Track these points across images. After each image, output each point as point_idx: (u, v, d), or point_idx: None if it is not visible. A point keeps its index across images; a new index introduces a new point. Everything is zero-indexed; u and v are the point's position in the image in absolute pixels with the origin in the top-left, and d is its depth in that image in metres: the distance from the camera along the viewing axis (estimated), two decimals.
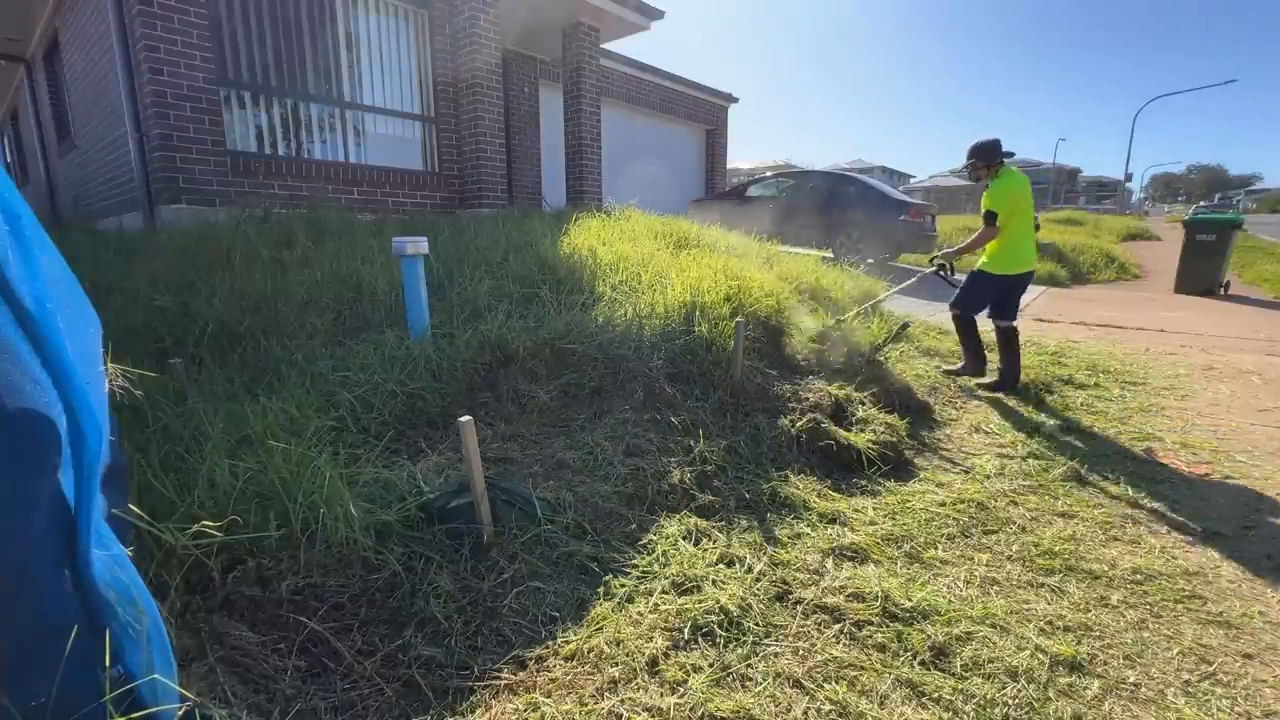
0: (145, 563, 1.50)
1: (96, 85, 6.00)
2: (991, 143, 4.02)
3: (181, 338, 3.07)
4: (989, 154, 3.99)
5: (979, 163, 4.03)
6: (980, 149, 4.02)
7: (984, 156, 4.00)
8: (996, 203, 3.92)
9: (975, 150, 4.04)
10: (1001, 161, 3.99)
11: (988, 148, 4.00)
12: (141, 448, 1.97)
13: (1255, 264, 11.89)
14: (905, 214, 8.94)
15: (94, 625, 0.91)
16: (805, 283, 4.84)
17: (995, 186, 3.95)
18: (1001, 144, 4.01)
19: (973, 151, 4.05)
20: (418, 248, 3.01)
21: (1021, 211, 3.93)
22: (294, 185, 5.85)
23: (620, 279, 3.95)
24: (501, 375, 2.96)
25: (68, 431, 0.87)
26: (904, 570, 2.04)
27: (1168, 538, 2.35)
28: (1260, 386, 4.31)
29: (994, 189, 3.95)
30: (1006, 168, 3.99)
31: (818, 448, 2.82)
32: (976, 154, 4.03)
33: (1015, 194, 3.90)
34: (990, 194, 3.96)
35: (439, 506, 1.95)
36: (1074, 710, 1.48)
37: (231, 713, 1.28)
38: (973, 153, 4.05)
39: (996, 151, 3.99)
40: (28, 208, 0.89)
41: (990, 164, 3.99)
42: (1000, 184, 3.94)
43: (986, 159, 4.00)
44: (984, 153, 4.00)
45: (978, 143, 4.05)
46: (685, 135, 13.45)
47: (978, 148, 4.03)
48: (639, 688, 1.48)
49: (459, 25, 6.84)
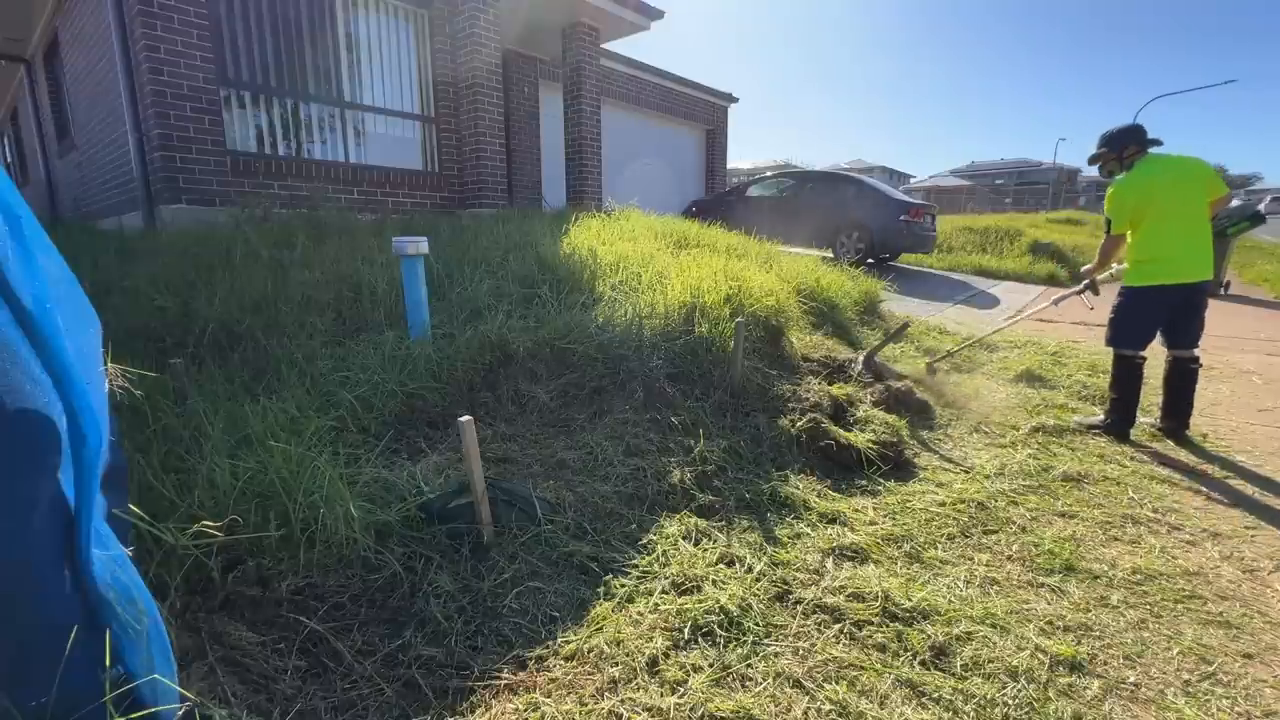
0: (145, 563, 1.50)
1: (96, 85, 6.00)
2: (1124, 129, 3.24)
3: (181, 338, 3.08)
4: (1119, 141, 3.25)
5: (1108, 153, 3.29)
6: (1108, 137, 3.29)
7: (1114, 145, 3.27)
8: (1112, 205, 3.24)
9: (1103, 139, 3.32)
10: (1140, 151, 3.22)
11: (1117, 135, 3.26)
12: (141, 448, 1.97)
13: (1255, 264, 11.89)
14: (905, 214, 8.94)
15: (94, 625, 0.91)
16: (805, 283, 4.84)
17: (1116, 184, 3.23)
18: (1143, 131, 3.23)
19: (1101, 140, 3.33)
20: (418, 248, 3.01)
21: (1160, 208, 3.12)
22: (294, 185, 5.85)
23: (620, 279, 3.95)
24: (501, 375, 2.96)
25: (68, 432, 0.87)
26: (904, 570, 2.04)
27: (1168, 538, 2.35)
28: (1260, 386, 4.31)
29: (1113, 188, 3.24)
30: (1148, 156, 3.22)
31: (818, 448, 2.82)
32: (1105, 143, 3.31)
33: (1141, 190, 3.15)
34: (1108, 194, 3.26)
35: (439, 506, 1.95)
36: (1074, 710, 1.48)
37: (231, 713, 1.28)
38: (1101, 142, 3.33)
39: (1131, 138, 3.22)
40: (28, 208, 0.89)
41: (1122, 155, 3.24)
42: (1122, 181, 3.21)
43: (1117, 147, 3.26)
44: (1113, 140, 3.27)
45: (1107, 130, 3.31)
46: (685, 135, 13.45)
47: (1105, 135, 3.30)
48: (639, 688, 1.48)
49: (459, 25, 6.84)
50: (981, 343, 4.89)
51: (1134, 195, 3.18)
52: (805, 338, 4.14)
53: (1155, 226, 3.16)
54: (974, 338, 4.86)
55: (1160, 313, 3.22)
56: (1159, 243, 3.16)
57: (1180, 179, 3.14)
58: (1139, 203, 3.17)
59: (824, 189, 9.74)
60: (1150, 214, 3.15)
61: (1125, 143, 3.25)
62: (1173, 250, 3.13)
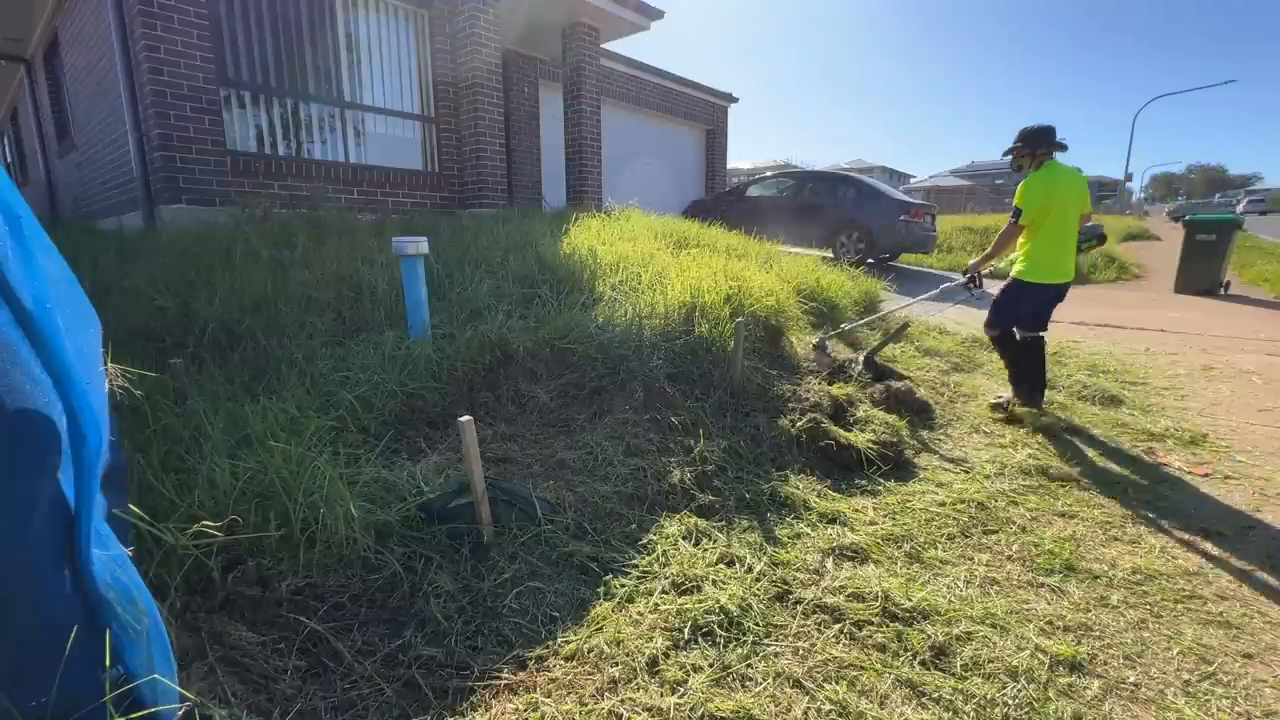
0: (145, 563, 1.50)
1: (96, 85, 6.00)
2: (1038, 128, 3.49)
3: (181, 338, 3.07)
4: (1035, 140, 3.48)
5: (1023, 149, 3.52)
6: (1026, 133, 3.52)
7: (1030, 142, 3.50)
8: (1024, 197, 3.44)
9: (1021, 134, 3.54)
10: (1049, 152, 3.47)
11: (1034, 133, 3.49)
12: (141, 448, 1.97)
13: (1255, 264, 11.87)
14: (905, 214, 8.94)
15: (94, 625, 0.91)
16: (805, 283, 4.84)
17: (1030, 180, 3.45)
18: (1053, 132, 3.48)
19: (1018, 136, 3.56)
20: (418, 248, 3.01)
21: (1059, 213, 3.41)
22: (294, 185, 5.85)
23: (620, 279, 3.95)
24: (501, 375, 2.96)
25: (68, 432, 0.87)
26: (904, 570, 2.04)
27: (1168, 538, 2.35)
28: (1260, 386, 4.31)
29: (1027, 182, 3.46)
30: (1052, 161, 3.48)
31: (818, 448, 2.82)
32: (1022, 139, 3.53)
33: (1050, 191, 3.39)
34: (1022, 187, 3.47)
35: (439, 506, 1.95)
36: (1074, 710, 1.48)
37: (231, 713, 1.28)
38: (1018, 137, 3.56)
39: (1042, 138, 3.46)
40: (28, 208, 0.89)
41: (1035, 152, 3.48)
42: (1035, 177, 3.44)
43: (1032, 145, 3.49)
44: (1030, 138, 3.50)
45: (1025, 127, 3.55)
46: (685, 135, 13.44)
47: (1024, 132, 3.53)
48: (639, 688, 1.48)
49: (459, 25, 6.84)
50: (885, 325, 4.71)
51: (1045, 194, 3.42)
52: (805, 338, 4.14)
53: (1054, 228, 3.45)
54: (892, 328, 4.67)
55: (1038, 305, 3.59)
56: (1055, 244, 3.46)
57: (1073, 189, 3.45)
58: (1046, 203, 3.42)
59: (824, 189, 9.74)
60: (1052, 216, 3.43)
61: (1040, 142, 3.49)
62: (1063, 253, 3.48)
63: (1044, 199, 3.40)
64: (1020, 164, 3.57)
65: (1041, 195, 3.41)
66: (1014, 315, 3.64)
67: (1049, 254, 3.47)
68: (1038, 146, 3.48)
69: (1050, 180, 3.41)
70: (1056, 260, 3.47)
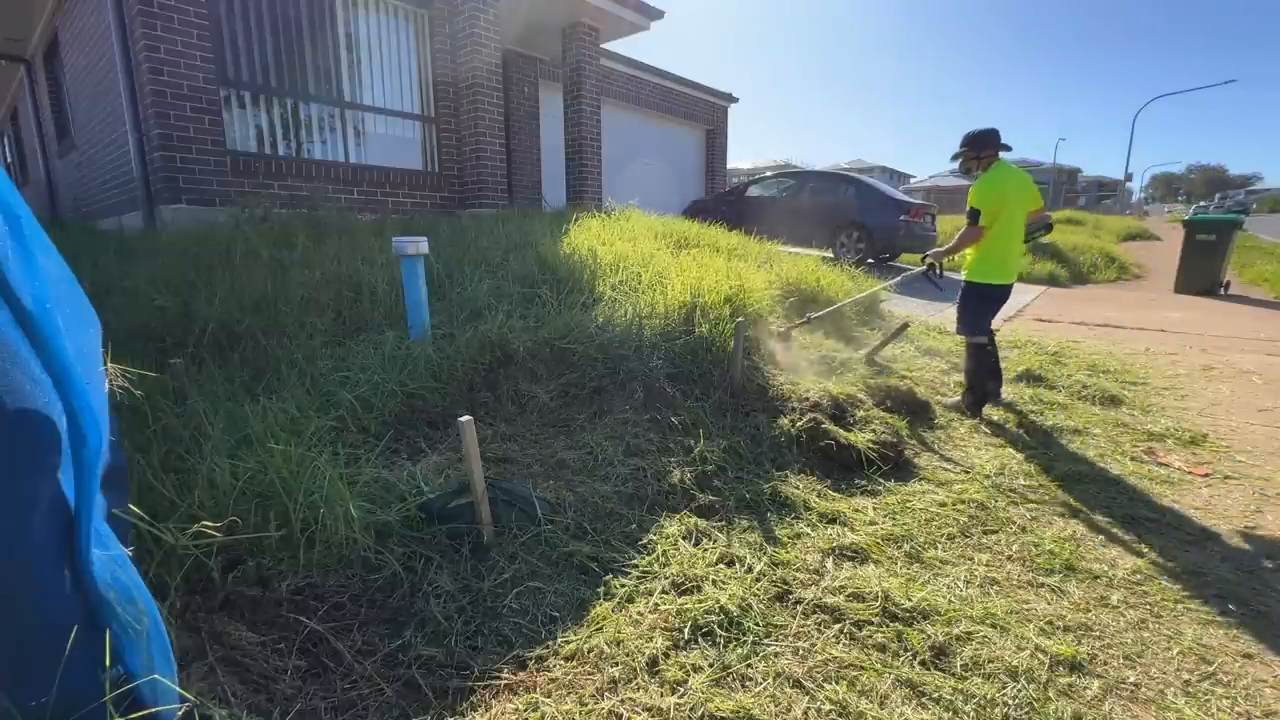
0: (145, 563, 1.50)
1: (96, 85, 6.00)
2: (984, 132, 3.60)
3: (181, 338, 3.07)
4: (980, 144, 3.58)
5: (969, 153, 3.62)
6: (970, 137, 3.62)
7: (975, 146, 3.59)
8: (980, 199, 3.51)
9: (965, 139, 3.65)
10: (995, 154, 3.58)
11: (979, 137, 3.59)
12: (141, 448, 1.97)
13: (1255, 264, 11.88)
14: (905, 214, 8.94)
15: (94, 625, 0.91)
16: (806, 283, 4.84)
17: (981, 181, 3.55)
18: (998, 134, 3.59)
19: (963, 140, 3.67)
20: (418, 248, 3.01)
21: (1009, 212, 3.50)
22: (294, 185, 5.85)
23: (620, 279, 3.95)
24: (501, 375, 2.96)
25: (68, 432, 0.87)
26: (904, 570, 2.04)
27: (1168, 538, 2.35)
28: (1260, 386, 4.31)
29: (979, 184, 3.54)
30: (1000, 162, 3.58)
31: (818, 448, 2.82)
32: (967, 143, 3.64)
33: (1002, 191, 3.48)
34: (975, 189, 3.55)
35: (439, 506, 1.95)
36: (1074, 710, 1.48)
37: (231, 713, 1.28)
38: (964, 142, 3.66)
39: (989, 142, 3.57)
40: (28, 208, 0.89)
41: (981, 155, 3.58)
42: (987, 179, 3.53)
43: (977, 149, 3.59)
44: (975, 142, 3.60)
45: (969, 131, 3.65)
46: (685, 135, 13.44)
47: (968, 136, 3.64)
48: (639, 688, 1.48)
49: (459, 25, 6.84)
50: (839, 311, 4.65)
51: (999, 195, 3.50)
52: (805, 337, 4.13)
53: (1005, 230, 3.54)
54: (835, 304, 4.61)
55: (997, 304, 3.73)
56: (1007, 245, 3.57)
57: (1021, 189, 3.55)
58: (999, 203, 3.50)
59: (824, 189, 9.74)
60: (1003, 217, 3.52)
61: (985, 145, 3.58)
62: (1011, 254, 3.61)
63: (998, 199, 3.50)
64: (968, 167, 3.68)
65: (995, 196, 3.50)
66: (987, 318, 3.72)
67: (999, 255, 3.58)
68: (983, 149, 3.58)
69: (1001, 181, 3.51)
70: (1004, 261, 3.59)
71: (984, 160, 3.60)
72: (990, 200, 3.50)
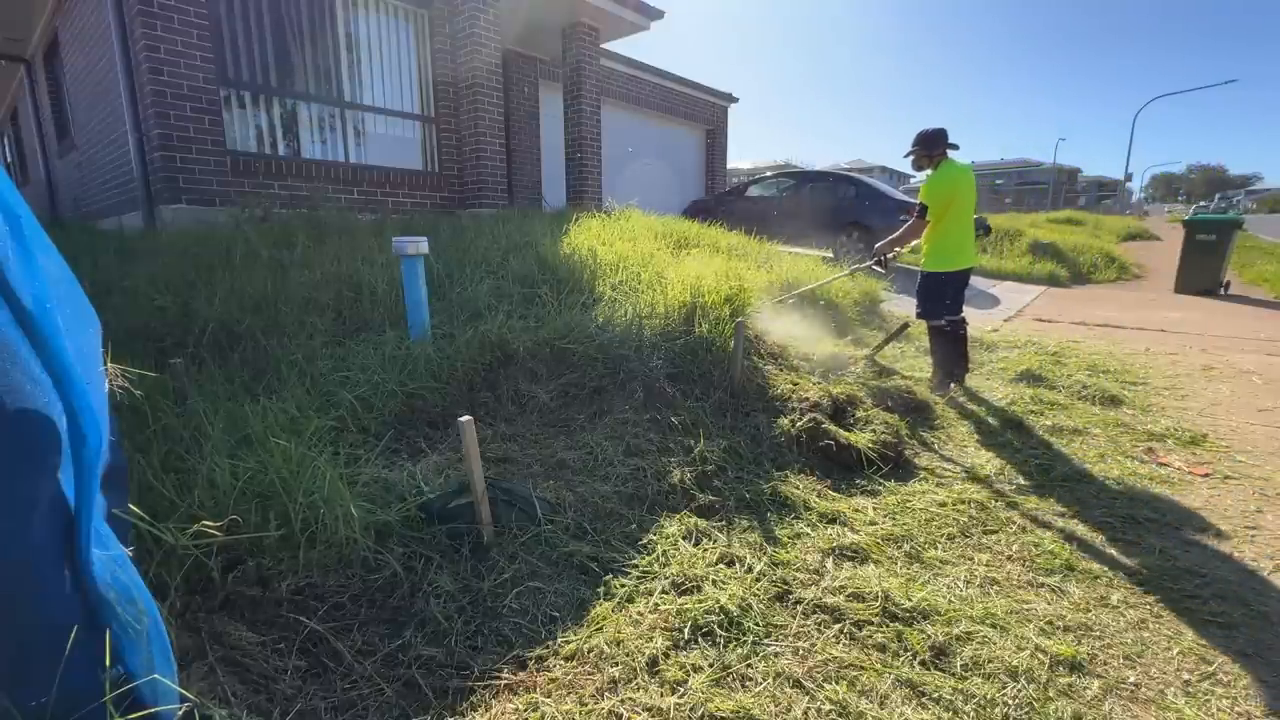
0: (145, 563, 1.50)
1: (96, 85, 6.00)
2: (933, 132, 3.88)
3: (181, 338, 3.08)
4: (930, 143, 3.86)
5: (921, 151, 3.90)
6: (921, 138, 3.89)
7: (927, 145, 3.87)
8: (930, 194, 3.79)
9: (917, 139, 3.92)
10: (944, 153, 3.86)
11: (929, 137, 3.86)
12: (141, 448, 1.97)
13: (1255, 264, 11.88)
14: (905, 214, 8.93)
15: (94, 625, 0.91)
16: (805, 283, 4.83)
17: (932, 178, 3.83)
18: (946, 134, 3.88)
19: (916, 140, 3.93)
20: (418, 248, 3.01)
21: (959, 206, 3.80)
22: (294, 185, 5.85)
23: (620, 279, 3.95)
24: (501, 375, 2.96)
25: (68, 432, 0.87)
26: (904, 570, 2.04)
27: (1168, 538, 2.35)
28: (1260, 386, 4.31)
29: (931, 181, 3.82)
30: (948, 159, 3.86)
31: (818, 448, 2.82)
32: (919, 143, 3.90)
33: (951, 187, 3.76)
34: (927, 185, 3.83)
35: (439, 506, 1.95)
36: (1074, 710, 1.48)
37: (231, 713, 1.28)
38: (916, 141, 3.93)
39: (938, 141, 3.85)
40: (28, 208, 0.89)
41: (932, 154, 3.86)
42: (937, 175, 3.81)
43: (929, 148, 3.87)
44: (926, 142, 3.87)
45: (921, 131, 3.91)
46: (685, 135, 13.44)
47: (919, 136, 3.91)
48: (639, 688, 1.48)
49: (459, 25, 6.84)
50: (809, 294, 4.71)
51: (949, 190, 3.79)
52: (805, 336, 4.13)
53: (955, 222, 3.84)
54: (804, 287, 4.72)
55: (953, 290, 3.98)
56: (957, 236, 3.86)
57: (969, 184, 3.86)
58: (949, 198, 3.79)
59: (824, 189, 9.74)
60: (953, 209, 3.82)
61: (936, 144, 3.87)
62: (965, 242, 3.89)
63: (948, 195, 3.78)
64: (921, 164, 3.96)
65: (946, 191, 3.79)
66: (942, 303, 3.98)
67: (954, 243, 3.87)
68: (934, 148, 3.87)
69: (951, 177, 3.80)
70: (960, 248, 3.88)
71: (935, 158, 3.88)
72: (941, 195, 3.79)
